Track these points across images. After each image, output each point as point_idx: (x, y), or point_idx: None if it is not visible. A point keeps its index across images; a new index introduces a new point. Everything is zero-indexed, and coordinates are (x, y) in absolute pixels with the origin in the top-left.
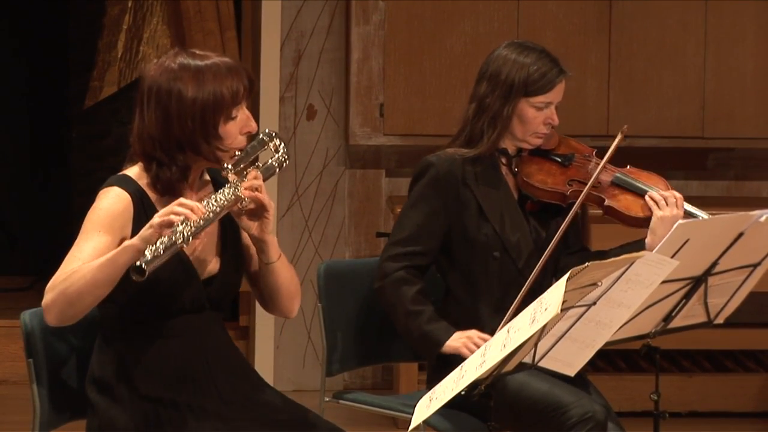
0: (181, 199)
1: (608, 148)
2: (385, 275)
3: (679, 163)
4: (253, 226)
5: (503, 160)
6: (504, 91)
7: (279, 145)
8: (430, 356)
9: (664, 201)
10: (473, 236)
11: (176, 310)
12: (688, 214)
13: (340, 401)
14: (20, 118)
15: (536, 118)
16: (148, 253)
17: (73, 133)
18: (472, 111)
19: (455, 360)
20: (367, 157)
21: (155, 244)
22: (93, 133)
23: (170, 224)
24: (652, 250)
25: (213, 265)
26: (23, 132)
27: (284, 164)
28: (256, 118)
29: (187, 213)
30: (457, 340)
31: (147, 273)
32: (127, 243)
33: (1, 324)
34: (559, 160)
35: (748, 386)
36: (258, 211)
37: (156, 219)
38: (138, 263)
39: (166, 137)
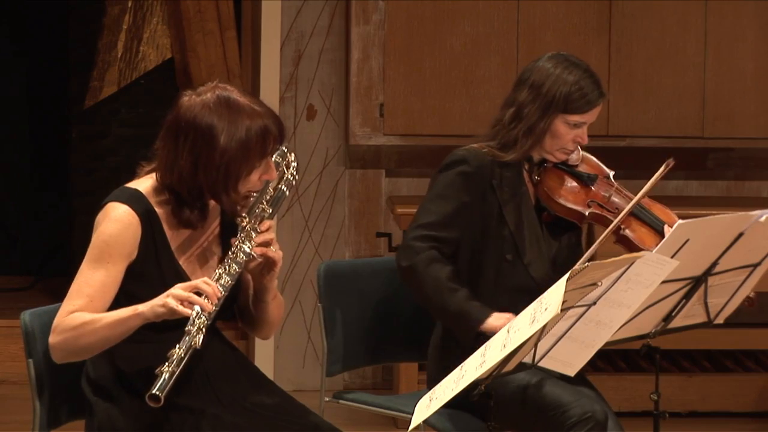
0: (199, 285)
1: (608, 148)
2: (415, 253)
3: (679, 163)
4: (260, 273)
5: (525, 167)
6: (544, 104)
7: (291, 161)
8: (468, 333)
9: None
10: (489, 236)
11: (173, 326)
12: None
13: (340, 401)
14: (20, 118)
15: (567, 135)
16: (166, 372)
17: (73, 133)
18: (509, 116)
19: (442, 367)
20: (367, 157)
21: (169, 363)
22: (93, 133)
23: (184, 315)
24: None
25: None
26: (23, 132)
27: (293, 184)
28: None
29: (203, 304)
30: (498, 320)
31: (162, 400)
32: (140, 310)
33: (1, 324)
34: (583, 178)
35: (748, 386)
36: (267, 265)
37: (171, 302)
38: (154, 391)
39: (193, 180)
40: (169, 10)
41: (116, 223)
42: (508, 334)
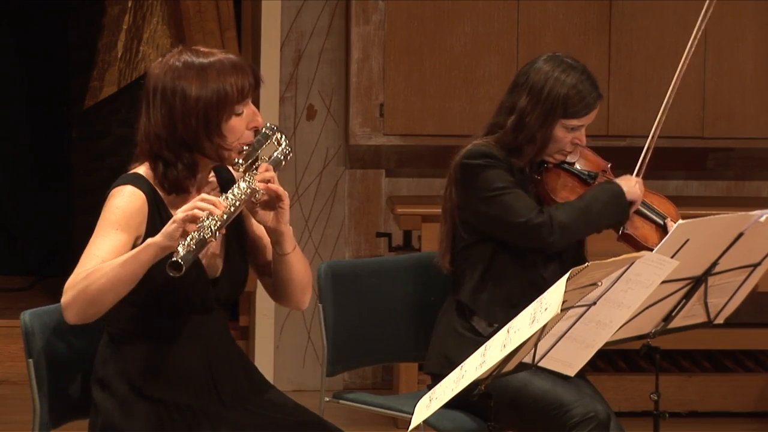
0: (204, 195)
1: (608, 148)
2: (549, 223)
3: (679, 163)
4: (268, 218)
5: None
6: (544, 110)
7: (281, 138)
8: (623, 208)
9: None
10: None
11: (187, 310)
12: None
13: (340, 401)
14: (20, 118)
15: (565, 138)
16: (181, 249)
17: (73, 133)
18: (512, 124)
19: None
20: (367, 157)
21: (186, 239)
22: (93, 133)
23: (194, 219)
24: None
25: (218, 265)
26: (23, 132)
27: (289, 156)
28: None
29: (210, 208)
30: (628, 184)
31: (184, 268)
32: (150, 240)
33: (1, 324)
34: (583, 176)
35: (748, 386)
36: (272, 202)
37: (179, 214)
38: (174, 258)
39: (172, 136)
40: (169, 10)
41: (123, 197)
42: (508, 334)
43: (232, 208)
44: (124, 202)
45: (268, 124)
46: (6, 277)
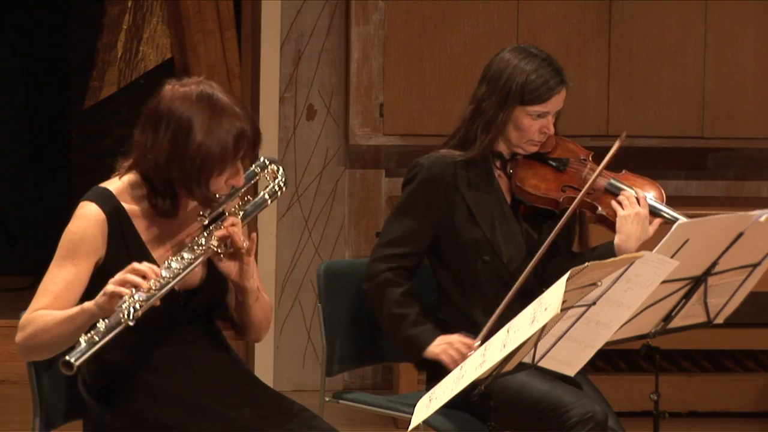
0: (134, 265)
1: (608, 148)
2: (372, 277)
3: (679, 163)
4: (233, 270)
5: (497, 163)
6: (500, 97)
7: (277, 171)
8: (415, 360)
9: (626, 200)
10: (463, 239)
11: (152, 326)
12: (653, 212)
13: (340, 401)
14: (20, 118)
15: (531, 126)
16: (83, 341)
17: (73, 133)
18: (469, 113)
19: (440, 366)
20: (367, 157)
21: (98, 331)
22: (93, 133)
23: (119, 296)
24: (621, 250)
25: (198, 275)
26: (23, 132)
27: (279, 194)
28: (257, 118)
29: (136, 281)
30: (437, 347)
31: (75, 368)
32: (85, 306)
33: (1, 324)
34: (554, 164)
35: (748, 386)
36: (236, 256)
37: (109, 287)
38: (67, 357)
39: (167, 170)
40: (169, 10)
41: (81, 220)
42: (508, 334)
43: (171, 276)
44: (82, 227)
45: (261, 159)
46: (6, 277)
